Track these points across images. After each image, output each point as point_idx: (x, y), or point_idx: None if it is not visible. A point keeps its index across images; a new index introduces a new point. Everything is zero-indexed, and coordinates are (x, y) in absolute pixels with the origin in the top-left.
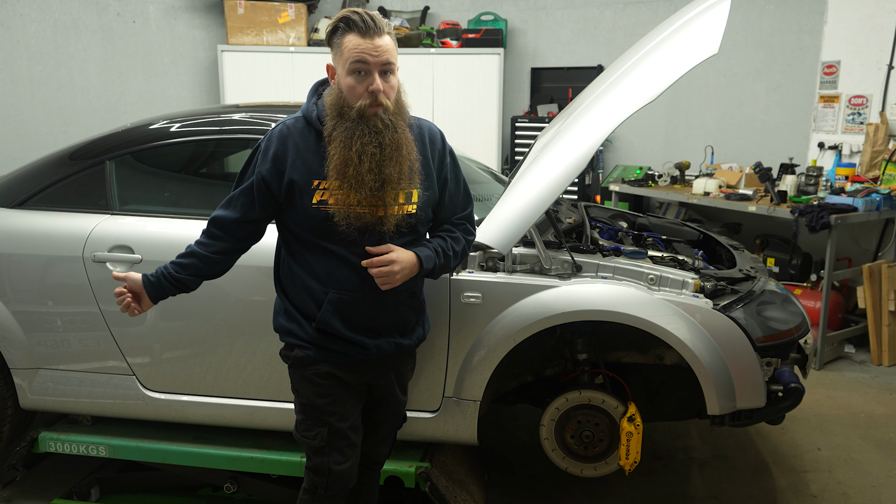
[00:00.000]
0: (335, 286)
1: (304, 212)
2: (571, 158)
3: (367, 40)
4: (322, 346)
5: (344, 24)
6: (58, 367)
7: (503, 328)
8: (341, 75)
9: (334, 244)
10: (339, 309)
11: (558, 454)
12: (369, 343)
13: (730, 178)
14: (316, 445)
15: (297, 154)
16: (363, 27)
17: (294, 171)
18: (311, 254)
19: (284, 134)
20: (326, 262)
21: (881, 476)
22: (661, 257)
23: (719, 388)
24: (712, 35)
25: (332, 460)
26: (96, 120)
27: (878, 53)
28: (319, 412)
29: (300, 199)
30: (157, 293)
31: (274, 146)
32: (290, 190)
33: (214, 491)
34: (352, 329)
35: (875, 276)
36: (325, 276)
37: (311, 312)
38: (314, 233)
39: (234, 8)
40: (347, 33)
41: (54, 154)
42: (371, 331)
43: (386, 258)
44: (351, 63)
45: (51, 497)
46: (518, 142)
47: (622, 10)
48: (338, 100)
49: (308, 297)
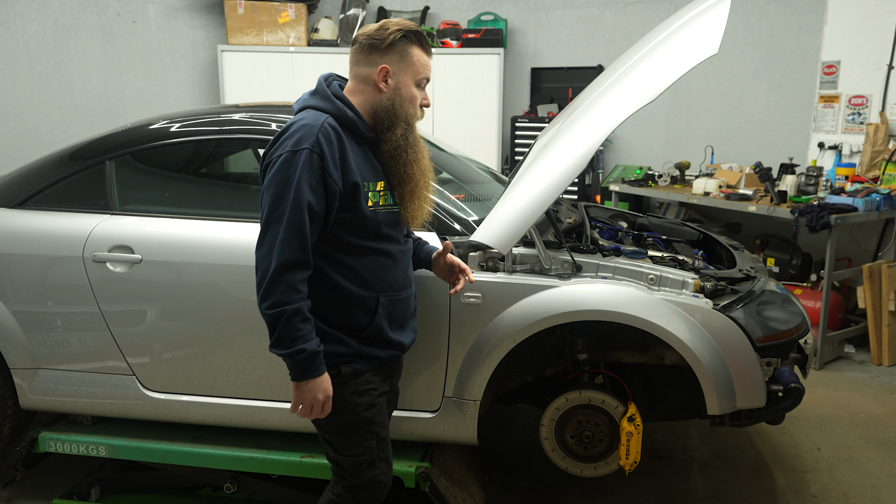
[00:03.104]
0: (383, 289)
1: (361, 215)
2: (571, 158)
3: (429, 58)
4: (368, 355)
5: (415, 37)
6: (58, 367)
7: (503, 328)
8: (406, 84)
9: (385, 244)
10: (388, 311)
11: (558, 454)
12: (405, 341)
13: (730, 178)
14: (366, 461)
15: (352, 156)
16: (429, 47)
17: (354, 175)
18: (357, 260)
19: (333, 135)
20: (374, 264)
21: (881, 476)
22: (661, 257)
23: (719, 388)
24: (712, 35)
25: (380, 471)
26: (96, 120)
27: (878, 53)
28: (368, 424)
29: (359, 203)
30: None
31: (332, 149)
32: (354, 193)
33: (214, 491)
34: (394, 329)
35: (875, 276)
36: (374, 280)
37: (357, 323)
38: (365, 236)
39: (234, 8)
40: (414, 45)
41: (54, 154)
42: (403, 328)
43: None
44: (420, 77)
45: (51, 497)
46: (518, 142)
47: (622, 10)
48: (400, 106)
49: (355, 307)
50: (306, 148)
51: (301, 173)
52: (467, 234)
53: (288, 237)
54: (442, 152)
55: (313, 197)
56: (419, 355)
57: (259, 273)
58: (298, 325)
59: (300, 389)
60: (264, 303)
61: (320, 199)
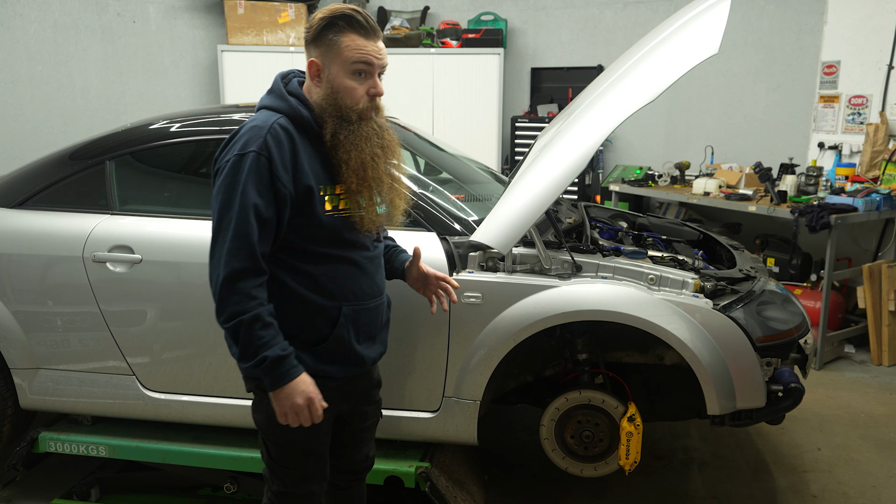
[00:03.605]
0: (346, 297)
1: (318, 220)
2: (571, 158)
3: (371, 42)
4: (324, 374)
5: (344, 22)
6: (58, 367)
7: (503, 328)
8: (337, 75)
9: (348, 251)
10: (352, 321)
11: (558, 454)
12: (367, 355)
13: (730, 178)
14: (298, 476)
15: (305, 158)
16: (367, 28)
17: (307, 178)
18: (316, 267)
19: (284, 136)
20: (336, 272)
21: (881, 476)
22: (661, 257)
23: (719, 388)
24: (712, 35)
25: (313, 485)
26: (96, 120)
27: (878, 53)
28: (308, 446)
29: (314, 208)
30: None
31: (282, 151)
32: (308, 198)
33: (214, 491)
34: (359, 342)
35: (875, 276)
36: (335, 288)
37: (318, 335)
38: (324, 242)
39: (234, 8)
40: (347, 32)
41: (54, 154)
42: (372, 340)
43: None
44: (353, 64)
45: (51, 497)
46: (518, 142)
47: (622, 10)
48: (334, 101)
49: (315, 317)
50: (253, 151)
51: (248, 178)
52: (467, 234)
53: (236, 245)
54: (442, 152)
55: (261, 202)
56: (419, 355)
57: (212, 284)
58: (259, 333)
59: (277, 398)
60: (220, 316)
61: (269, 204)
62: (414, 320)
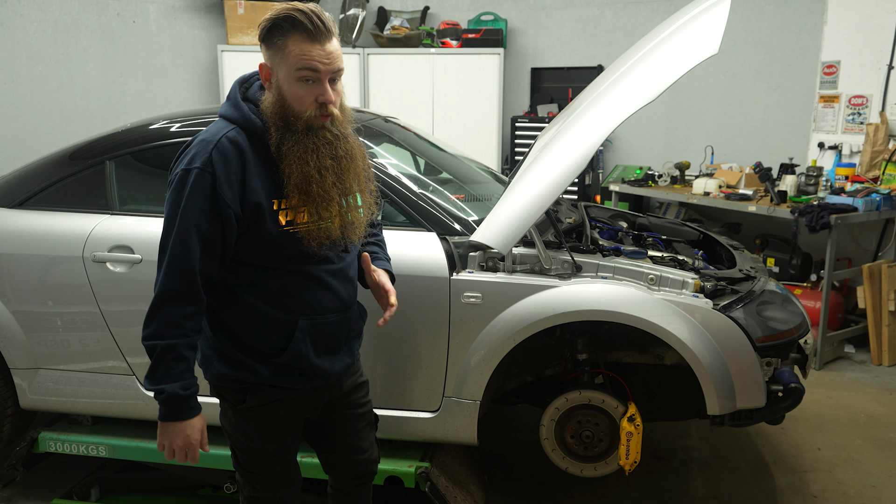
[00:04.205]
0: (305, 312)
1: (269, 237)
2: (571, 158)
3: (318, 45)
4: (281, 386)
5: (287, 24)
6: (58, 367)
7: (503, 328)
8: (285, 81)
9: (308, 265)
10: (310, 336)
11: (558, 454)
12: (330, 369)
13: (730, 178)
14: (267, 481)
15: (253, 172)
16: (312, 30)
17: (256, 194)
18: (274, 281)
19: (231, 151)
20: (295, 286)
21: (881, 476)
22: (661, 257)
23: (719, 388)
24: (712, 35)
25: (283, 488)
26: (96, 120)
27: (878, 53)
28: (271, 454)
29: (266, 224)
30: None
31: (228, 167)
32: (257, 215)
33: (214, 491)
34: (318, 356)
35: (875, 276)
36: (292, 302)
37: (271, 348)
38: (280, 258)
39: (234, 8)
40: (291, 34)
41: (54, 154)
42: (336, 353)
43: (395, 301)
44: (298, 70)
45: (51, 497)
46: (518, 142)
47: (622, 10)
48: (281, 108)
49: (269, 330)
50: (196, 168)
51: (190, 196)
52: (467, 234)
53: (171, 267)
54: (442, 152)
55: (204, 221)
56: (419, 355)
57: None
58: (169, 363)
59: (162, 430)
60: (143, 332)
61: (213, 224)
62: (414, 320)
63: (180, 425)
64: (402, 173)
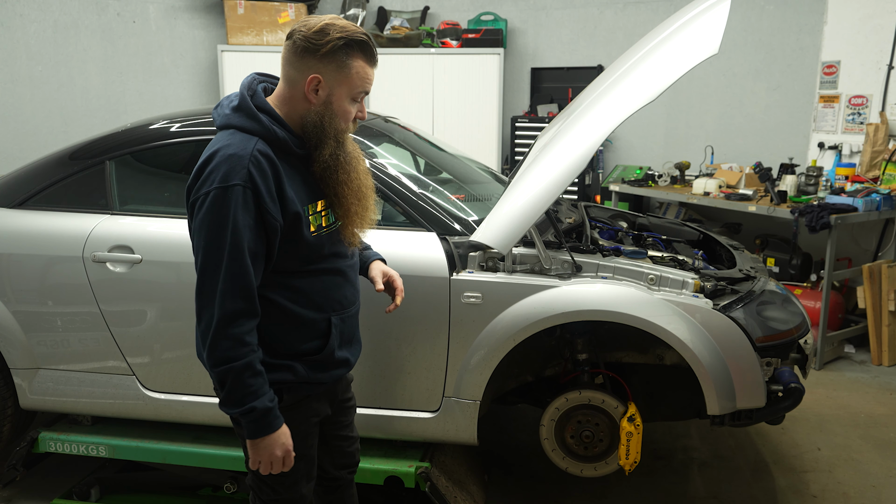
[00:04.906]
0: (334, 308)
1: (305, 242)
2: (571, 158)
3: (373, 70)
4: (315, 381)
5: (357, 46)
6: (58, 367)
7: (503, 328)
8: (339, 97)
9: (334, 263)
10: (340, 331)
11: (558, 454)
12: (352, 358)
13: (730, 178)
14: (289, 481)
15: (286, 183)
16: (374, 58)
17: (294, 204)
18: (306, 282)
19: (266, 164)
20: (324, 285)
21: (881, 476)
22: (661, 257)
23: (719, 388)
24: (712, 35)
25: (302, 487)
26: (96, 120)
27: (878, 53)
28: (301, 451)
29: (303, 231)
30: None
31: (266, 181)
32: (295, 223)
33: (214, 491)
34: (342, 347)
35: (875, 276)
36: (324, 300)
37: (308, 348)
38: (312, 260)
39: (234, 8)
40: (358, 56)
41: (54, 154)
42: (351, 343)
43: (401, 284)
44: (357, 91)
45: (51, 497)
46: (518, 142)
47: (622, 10)
48: (330, 122)
49: (307, 332)
50: (238, 184)
51: (235, 213)
52: (467, 234)
53: (229, 287)
54: (442, 152)
55: (253, 238)
56: (419, 355)
57: (202, 325)
58: (248, 382)
59: (256, 447)
60: (210, 359)
61: (260, 239)
62: (414, 320)
63: (274, 436)
64: (402, 173)
